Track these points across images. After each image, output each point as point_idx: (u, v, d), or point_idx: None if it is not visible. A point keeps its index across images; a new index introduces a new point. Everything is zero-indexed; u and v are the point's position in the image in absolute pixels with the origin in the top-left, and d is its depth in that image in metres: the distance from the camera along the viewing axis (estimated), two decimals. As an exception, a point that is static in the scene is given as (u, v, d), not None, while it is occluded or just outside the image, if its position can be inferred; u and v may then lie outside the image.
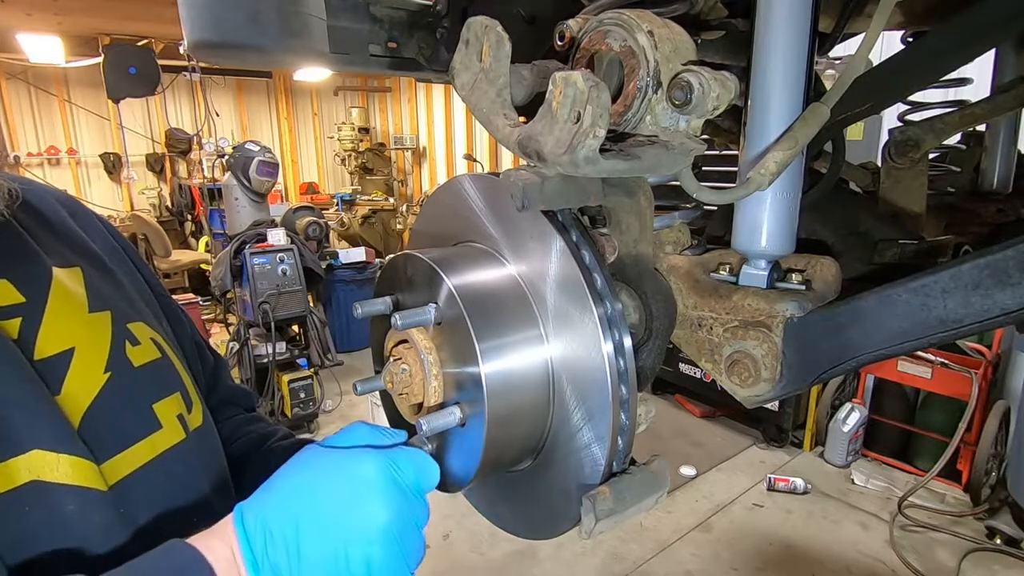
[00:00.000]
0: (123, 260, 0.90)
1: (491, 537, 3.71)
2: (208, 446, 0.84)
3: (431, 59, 1.03)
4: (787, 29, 0.64)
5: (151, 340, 0.80)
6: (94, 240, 0.86)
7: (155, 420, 0.75)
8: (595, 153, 0.50)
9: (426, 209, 0.83)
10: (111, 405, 0.71)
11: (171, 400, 0.78)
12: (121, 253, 0.90)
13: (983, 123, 1.28)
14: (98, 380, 0.70)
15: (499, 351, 0.63)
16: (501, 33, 0.57)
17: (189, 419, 0.80)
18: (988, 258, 0.58)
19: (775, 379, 0.69)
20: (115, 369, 0.73)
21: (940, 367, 3.94)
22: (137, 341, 0.77)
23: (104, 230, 0.90)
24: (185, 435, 0.78)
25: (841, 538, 3.73)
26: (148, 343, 0.79)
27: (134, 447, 0.71)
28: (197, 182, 8.46)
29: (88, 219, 0.90)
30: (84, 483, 0.64)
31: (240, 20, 0.88)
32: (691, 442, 4.86)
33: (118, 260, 0.88)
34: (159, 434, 0.74)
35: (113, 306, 0.78)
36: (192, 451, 0.78)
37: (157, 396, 0.77)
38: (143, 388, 0.76)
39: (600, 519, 0.59)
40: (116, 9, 6.51)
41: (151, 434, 0.73)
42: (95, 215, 0.93)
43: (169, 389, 0.79)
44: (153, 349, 0.79)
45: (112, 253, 0.88)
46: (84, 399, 0.69)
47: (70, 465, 0.63)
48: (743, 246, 0.73)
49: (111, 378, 0.72)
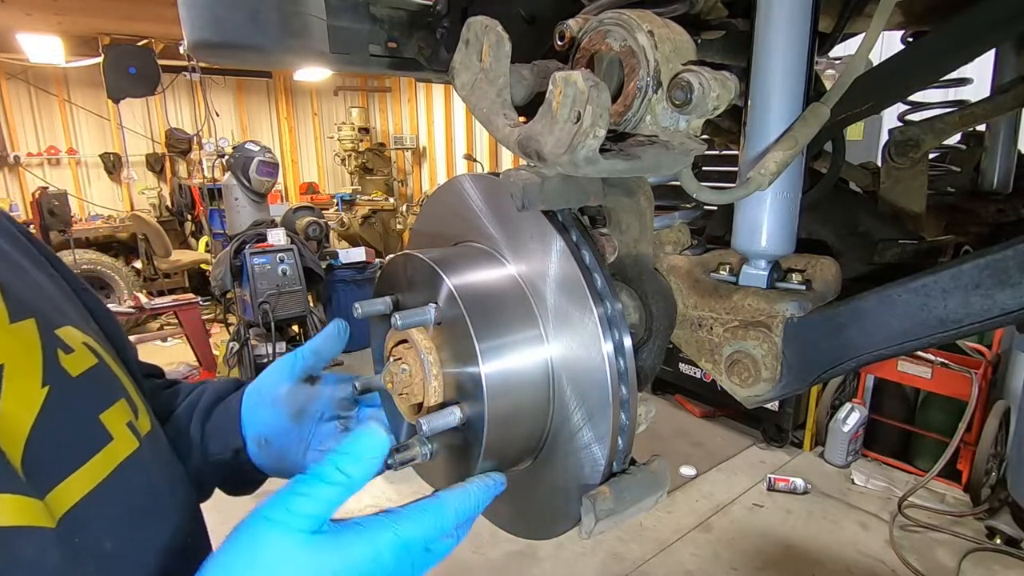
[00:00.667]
0: (37, 259, 0.81)
1: (491, 537, 3.71)
2: (161, 449, 0.79)
3: (431, 59, 1.03)
4: (787, 29, 0.64)
5: (84, 345, 0.72)
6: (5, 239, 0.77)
7: (105, 432, 0.68)
8: (595, 153, 0.51)
9: (426, 209, 0.83)
10: (56, 421, 0.63)
11: (117, 408, 0.71)
12: (33, 251, 0.82)
13: (983, 123, 1.28)
14: (37, 396, 0.63)
15: (499, 351, 0.63)
16: (501, 33, 0.57)
17: (138, 425, 0.74)
18: (988, 258, 0.58)
19: (775, 379, 0.69)
20: (53, 382, 0.65)
21: (940, 367, 3.94)
22: (70, 348, 0.70)
23: (12, 228, 0.82)
24: (139, 443, 0.72)
25: (841, 538, 3.73)
26: (81, 349, 0.71)
27: (89, 463, 0.65)
28: (197, 182, 8.47)
29: None
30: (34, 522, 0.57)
31: (240, 20, 0.88)
32: (691, 442, 4.86)
33: (31, 259, 0.80)
34: (112, 446, 0.68)
35: (36, 312, 0.69)
36: (148, 457, 0.73)
37: (102, 406, 0.70)
38: (87, 399, 0.69)
39: (600, 519, 0.59)
40: (116, 9, 6.52)
41: (104, 447, 0.67)
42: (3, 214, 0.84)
43: (113, 396, 0.72)
44: (88, 355, 0.72)
45: (24, 253, 0.79)
46: (26, 419, 0.61)
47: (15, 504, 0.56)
48: (743, 246, 0.73)
49: (51, 392, 0.64)
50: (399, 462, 0.67)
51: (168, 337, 7.22)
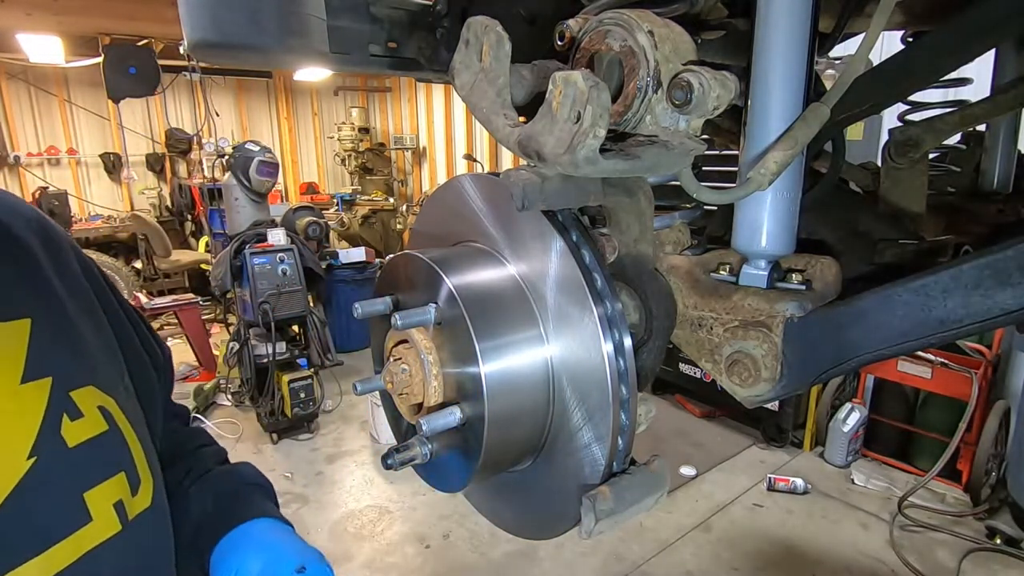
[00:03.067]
0: (90, 303, 0.77)
1: (491, 537, 3.71)
2: (151, 533, 0.73)
3: (431, 59, 1.03)
4: (787, 29, 0.64)
5: (99, 409, 0.68)
6: (63, 277, 0.73)
7: (84, 512, 0.63)
8: (595, 153, 0.50)
9: (426, 209, 0.83)
10: (32, 498, 0.59)
11: (110, 484, 0.67)
12: (90, 294, 0.77)
13: (983, 123, 1.28)
14: (18, 468, 0.59)
15: (499, 351, 0.63)
16: (501, 33, 0.57)
17: (132, 504, 0.69)
18: (988, 258, 0.58)
19: (775, 379, 0.69)
20: (43, 452, 0.61)
21: (940, 367, 3.94)
22: (79, 413, 0.66)
23: (76, 264, 0.78)
24: (121, 527, 0.66)
25: (841, 538, 3.73)
26: (94, 414, 0.67)
27: (52, 549, 0.60)
28: (197, 182, 8.46)
29: (60, 249, 0.76)
30: None
31: (240, 20, 0.88)
32: (691, 442, 4.86)
33: (84, 303, 0.75)
34: (88, 529, 0.63)
35: (57, 370, 0.66)
36: (128, 545, 0.67)
37: (92, 481, 0.65)
38: (75, 473, 0.64)
39: (600, 519, 0.59)
40: (116, 9, 6.51)
41: (78, 530, 0.62)
42: (69, 242, 0.80)
43: (110, 470, 0.67)
44: (99, 421, 0.68)
45: (80, 294, 0.75)
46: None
47: None
48: (743, 246, 0.73)
49: (36, 464, 0.60)
50: (399, 462, 0.67)
51: (168, 337, 7.23)
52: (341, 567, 3.55)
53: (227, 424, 5.21)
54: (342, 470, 4.59)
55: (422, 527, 3.87)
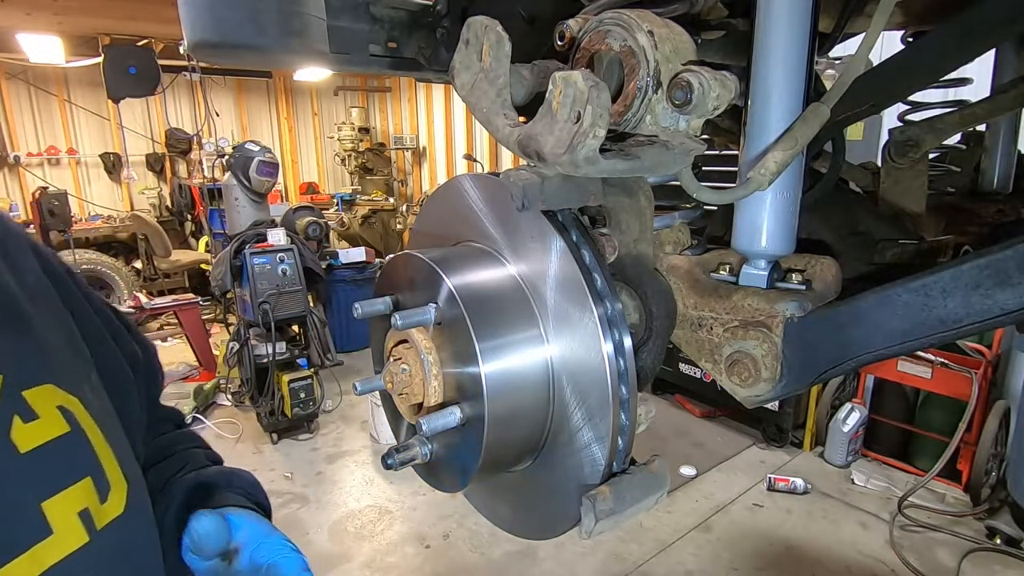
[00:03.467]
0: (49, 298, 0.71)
1: (491, 537, 3.71)
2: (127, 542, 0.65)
3: (431, 59, 1.03)
4: (787, 29, 0.64)
5: (58, 409, 0.62)
6: (15, 271, 0.67)
7: (43, 523, 0.57)
8: (595, 153, 0.51)
9: (426, 209, 0.83)
10: None
11: (73, 491, 0.60)
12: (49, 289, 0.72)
13: (983, 123, 1.28)
14: None
15: (499, 351, 0.63)
16: (501, 33, 0.57)
17: (101, 512, 0.62)
18: (988, 258, 0.58)
19: (775, 379, 0.69)
20: None
21: (940, 367, 3.94)
22: (34, 415, 0.59)
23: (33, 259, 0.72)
24: (89, 538, 0.59)
25: (841, 538, 3.73)
26: (52, 415, 0.61)
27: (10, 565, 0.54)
28: (197, 182, 8.46)
29: (19, 248, 0.71)
30: None
31: (240, 20, 0.88)
32: (691, 442, 4.86)
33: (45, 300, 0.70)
34: (48, 543, 0.56)
35: (9, 369, 0.59)
36: (101, 557, 0.61)
37: (51, 490, 0.58)
38: (29, 482, 0.57)
39: (600, 519, 0.59)
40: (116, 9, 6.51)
41: (35, 544, 0.55)
42: (29, 240, 0.74)
43: (73, 475, 0.60)
44: (58, 422, 0.61)
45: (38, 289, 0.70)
46: None
47: None
48: (743, 246, 0.73)
49: None
50: (399, 462, 0.67)
51: (168, 337, 7.23)
52: (341, 567, 3.55)
53: (227, 424, 5.21)
54: (342, 470, 4.60)
55: (422, 527, 3.87)
